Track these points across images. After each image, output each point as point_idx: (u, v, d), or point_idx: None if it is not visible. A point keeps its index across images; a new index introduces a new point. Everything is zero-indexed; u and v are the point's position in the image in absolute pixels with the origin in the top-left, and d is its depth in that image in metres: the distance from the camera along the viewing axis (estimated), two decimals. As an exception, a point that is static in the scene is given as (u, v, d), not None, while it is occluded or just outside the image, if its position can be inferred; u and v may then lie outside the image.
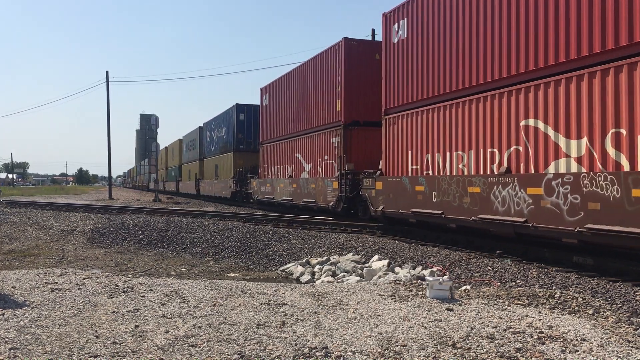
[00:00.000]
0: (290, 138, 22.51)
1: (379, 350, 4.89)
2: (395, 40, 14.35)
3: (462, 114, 11.68)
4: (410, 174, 13.45)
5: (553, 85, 9.44)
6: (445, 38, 12.28)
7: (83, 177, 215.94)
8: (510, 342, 5.14)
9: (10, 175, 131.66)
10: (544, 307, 6.68)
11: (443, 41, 12.36)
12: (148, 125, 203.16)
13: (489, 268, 9.58)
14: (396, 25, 14.30)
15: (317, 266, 11.47)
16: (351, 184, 16.88)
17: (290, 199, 21.81)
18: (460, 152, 11.75)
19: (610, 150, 8.40)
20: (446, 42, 12.24)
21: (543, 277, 8.67)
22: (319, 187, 19.21)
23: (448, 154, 12.10)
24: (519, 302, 6.91)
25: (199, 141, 42.16)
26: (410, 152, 13.57)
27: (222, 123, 34.28)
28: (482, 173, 11.02)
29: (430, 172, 12.63)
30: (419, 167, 13.16)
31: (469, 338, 5.26)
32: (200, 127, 41.99)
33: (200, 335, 5.28)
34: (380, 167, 14.99)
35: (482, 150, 11.11)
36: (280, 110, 23.82)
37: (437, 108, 12.56)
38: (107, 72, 43.51)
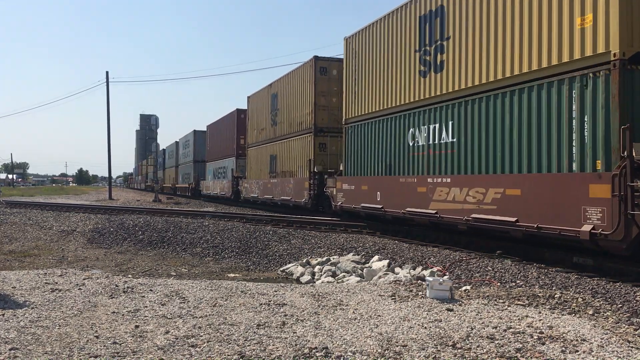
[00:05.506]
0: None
1: (379, 350, 4.89)
2: None
3: None
4: None
5: None
6: None
7: (83, 178, 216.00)
8: (510, 342, 5.14)
9: (10, 176, 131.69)
10: (544, 308, 6.69)
11: None
12: (148, 126, 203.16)
13: (489, 268, 9.58)
14: None
15: (317, 266, 11.47)
16: None
17: None
18: None
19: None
20: None
21: (543, 277, 8.67)
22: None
23: None
24: (519, 303, 6.91)
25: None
26: None
27: None
28: None
29: None
30: None
31: (469, 338, 5.26)
32: None
33: (201, 336, 5.28)
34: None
35: None
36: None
37: None
38: (107, 73, 43.64)
